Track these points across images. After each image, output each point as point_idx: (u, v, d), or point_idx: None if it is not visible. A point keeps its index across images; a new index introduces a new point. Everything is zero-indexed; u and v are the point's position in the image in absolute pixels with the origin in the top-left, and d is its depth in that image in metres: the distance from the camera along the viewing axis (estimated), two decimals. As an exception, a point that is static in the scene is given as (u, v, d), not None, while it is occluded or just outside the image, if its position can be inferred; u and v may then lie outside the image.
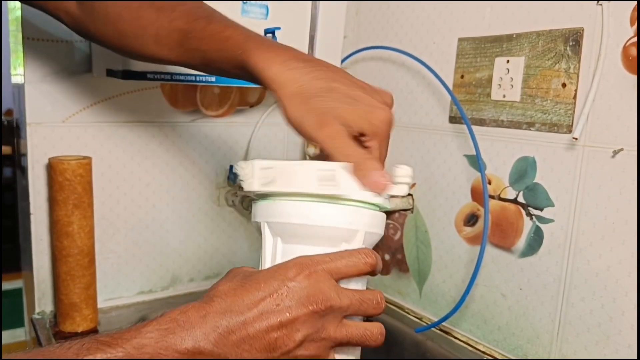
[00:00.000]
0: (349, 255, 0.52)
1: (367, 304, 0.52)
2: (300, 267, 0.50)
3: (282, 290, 0.49)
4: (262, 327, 0.48)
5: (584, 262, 0.85)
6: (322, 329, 0.50)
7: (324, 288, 0.50)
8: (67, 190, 0.95)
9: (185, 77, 0.93)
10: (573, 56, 0.84)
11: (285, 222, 0.54)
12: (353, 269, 0.52)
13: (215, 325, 0.47)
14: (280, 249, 0.55)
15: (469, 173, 1.02)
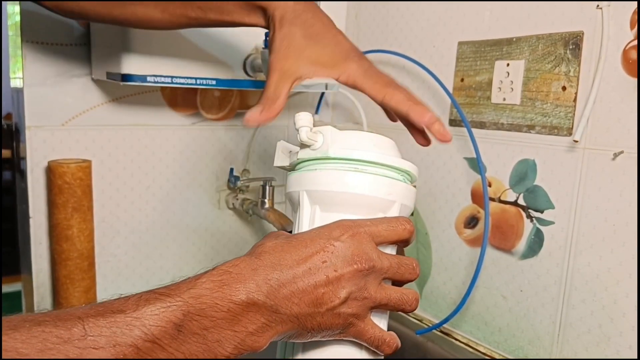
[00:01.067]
0: (389, 221, 0.54)
1: (404, 268, 0.55)
2: (344, 228, 0.52)
3: (328, 248, 0.50)
4: (310, 282, 0.49)
5: (584, 263, 0.85)
6: (364, 288, 0.51)
7: (367, 249, 0.51)
8: (67, 193, 0.95)
9: (186, 80, 0.93)
10: (573, 59, 0.84)
11: (326, 190, 0.56)
12: (393, 234, 0.54)
13: (266, 278, 0.48)
14: (318, 216, 0.56)
15: (469, 175, 1.02)
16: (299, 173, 0.58)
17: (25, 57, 0.98)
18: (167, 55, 0.90)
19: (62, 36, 1.00)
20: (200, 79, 0.94)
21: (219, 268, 0.49)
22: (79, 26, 1.01)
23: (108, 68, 0.95)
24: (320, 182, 0.56)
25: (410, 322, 1.13)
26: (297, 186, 0.58)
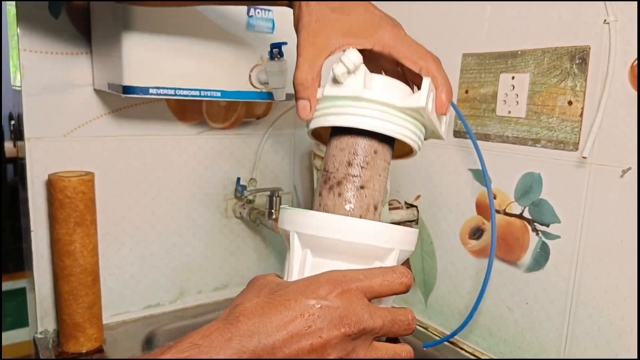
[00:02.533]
0: (384, 274, 0.50)
1: (398, 325, 0.50)
2: (333, 284, 0.47)
3: (313, 310, 0.45)
4: (292, 351, 0.44)
5: (591, 278, 0.85)
6: (352, 352, 0.47)
7: (357, 309, 0.47)
8: (68, 208, 0.94)
9: (190, 92, 0.92)
10: (579, 74, 0.84)
11: (317, 235, 0.51)
12: (387, 288, 0.49)
13: (241, 349, 0.44)
14: (309, 262, 0.53)
15: (473, 187, 1.02)
16: (291, 210, 0.54)
17: (24, 67, 0.97)
18: (170, 65, 0.89)
19: (62, 45, 0.99)
20: (204, 90, 0.93)
21: (188, 340, 0.44)
22: (80, 34, 1.00)
23: (109, 79, 0.94)
24: (313, 225, 0.52)
25: (416, 332, 1.12)
26: (289, 225, 0.54)
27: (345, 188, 0.55)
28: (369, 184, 0.55)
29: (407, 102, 0.53)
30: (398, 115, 0.54)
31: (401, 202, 1.18)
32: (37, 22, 0.96)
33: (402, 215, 1.14)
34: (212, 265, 1.23)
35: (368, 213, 0.55)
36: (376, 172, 0.56)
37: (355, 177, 0.55)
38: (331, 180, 0.56)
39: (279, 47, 0.91)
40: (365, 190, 0.55)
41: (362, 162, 0.55)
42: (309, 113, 0.57)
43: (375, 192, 0.56)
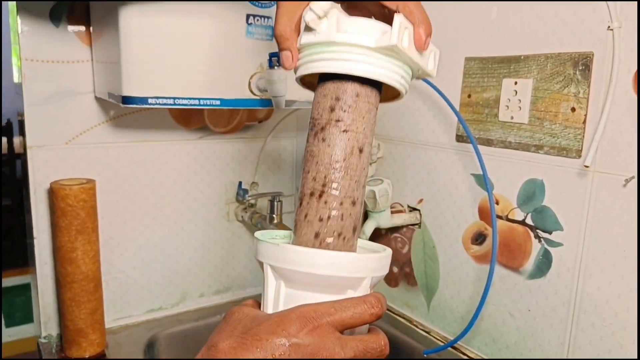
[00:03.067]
0: (355, 306, 0.50)
1: (370, 353, 0.50)
2: (303, 321, 0.48)
3: (284, 349, 0.46)
4: None
5: (594, 287, 0.84)
6: None
7: (328, 344, 0.47)
8: (70, 216, 0.94)
9: (189, 101, 0.92)
10: (583, 81, 0.82)
11: (290, 268, 0.51)
12: (358, 320, 0.50)
13: None
14: (283, 292, 0.53)
15: (475, 192, 1.01)
16: (264, 244, 0.53)
17: (26, 76, 0.97)
18: (169, 75, 0.88)
19: (63, 53, 0.99)
20: (204, 99, 0.93)
21: None
22: (80, 43, 1.00)
23: (109, 88, 0.94)
24: (285, 259, 0.51)
25: (417, 334, 1.12)
26: (262, 257, 0.54)
27: (329, 132, 0.55)
28: (352, 127, 0.55)
29: (379, 41, 0.52)
30: (373, 56, 0.53)
31: (404, 205, 1.17)
32: (38, 30, 0.96)
33: (404, 218, 1.13)
34: (214, 268, 1.23)
35: (352, 156, 0.55)
36: (359, 115, 0.55)
37: (338, 121, 0.55)
38: (316, 126, 0.56)
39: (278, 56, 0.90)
40: (349, 134, 0.55)
41: (344, 106, 0.55)
42: (292, 63, 0.57)
43: (360, 135, 0.55)
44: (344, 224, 0.54)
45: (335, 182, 0.54)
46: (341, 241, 0.55)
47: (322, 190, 0.54)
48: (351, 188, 0.55)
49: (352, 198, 0.55)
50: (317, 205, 0.54)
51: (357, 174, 0.55)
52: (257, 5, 0.91)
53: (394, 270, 1.22)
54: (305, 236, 0.54)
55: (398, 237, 1.19)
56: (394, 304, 1.23)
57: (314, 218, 0.54)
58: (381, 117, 1.20)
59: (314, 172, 0.55)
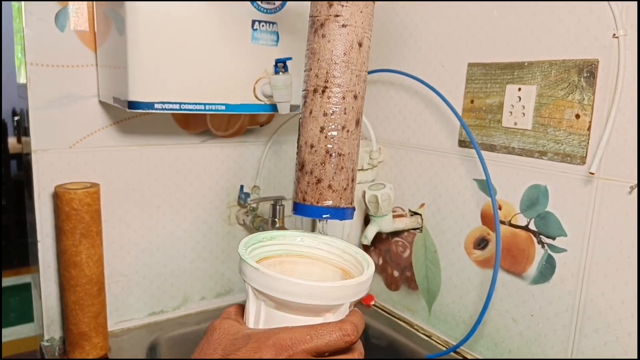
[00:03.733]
0: (330, 333, 0.51)
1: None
2: (279, 349, 0.49)
3: None
4: None
5: (598, 293, 0.84)
6: None
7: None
8: (74, 219, 0.94)
9: (195, 106, 0.92)
10: (588, 88, 0.83)
11: (270, 294, 0.51)
12: (333, 347, 0.51)
13: None
14: (264, 312, 0.53)
15: (478, 197, 1.01)
16: (247, 265, 0.53)
17: (31, 80, 0.97)
18: (175, 80, 0.88)
19: (68, 58, 0.99)
20: (209, 104, 0.93)
21: None
22: (85, 47, 1.00)
23: (115, 93, 0.94)
24: (265, 285, 0.51)
25: (418, 338, 1.13)
26: (244, 277, 0.54)
27: (328, 28, 0.56)
28: (351, 21, 0.56)
29: None
30: None
31: (405, 209, 1.17)
32: (43, 35, 0.96)
33: (406, 223, 1.14)
34: (215, 272, 1.23)
35: (352, 50, 0.56)
36: (357, 8, 0.56)
37: (337, 16, 0.55)
38: (315, 23, 0.57)
39: (283, 62, 0.91)
40: (348, 28, 0.56)
41: (342, 1, 0.55)
42: None
43: (359, 29, 0.56)
44: (347, 117, 0.57)
45: (337, 78, 0.56)
46: (345, 133, 0.57)
47: (325, 86, 0.56)
48: (352, 82, 0.56)
49: (353, 92, 0.57)
50: (320, 100, 0.56)
51: (358, 68, 0.57)
52: (262, 10, 0.91)
53: (395, 274, 1.22)
54: (311, 131, 0.57)
55: (399, 241, 1.20)
56: (395, 307, 1.24)
57: (318, 113, 0.56)
58: (382, 121, 1.20)
59: (316, 69, 0.57)
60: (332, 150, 0.57)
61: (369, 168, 1.20)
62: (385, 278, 1.25)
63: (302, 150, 0.58)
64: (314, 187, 0.58)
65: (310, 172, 0.58)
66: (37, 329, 1.18)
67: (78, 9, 0.98)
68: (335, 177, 0.57)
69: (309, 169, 0.58)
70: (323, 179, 0.57)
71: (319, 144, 0.57)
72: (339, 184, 0.58)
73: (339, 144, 0.57)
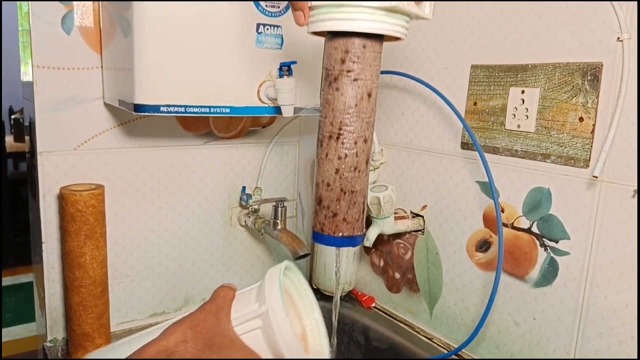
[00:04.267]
0: None
1: None
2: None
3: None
4: None
5: (600, 297, 0.85)
6: None
7: None
8: (79, 221, 0.95)
9: (200, 109, 0.92)
10: (591, 91, 0.83)
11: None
12: None
13: None
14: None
15: (481, 199, 1.02)
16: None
17: (37, 83, 0.97)
18: (181, 83, 0.88)
19: (74, 60, 0.99)
20: (214, 107, 0.93)
21: None
22: (91, 50, 1.00)
23: (120, 95, 0.94)
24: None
25: (419, 341, 1.13)
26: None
27: (341, 82, 0.62)
28: (362, 76, 0.61)
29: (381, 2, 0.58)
30: (376, 13, 0.59)
31: (407, 211, 1.18)
32: (50, 38, 0.96)
33: (407, 225, 1.14)
34: (217, 273, 1.24)
35: (362, 101, 0.62)
36: (367, 64, 0.61)
37: (349, 72, 0.61)
38: (329, 76, 0.63)
39: (288, 66, 0.91)
40: (358, 82, 0.62)
41: (354, 58, 0.61)
42: (305, 21, 0.63)
43: (368, 81, 0.62)
44: (358, 160, 0.64)
45: (349, 126, 0.62)
46: (357, 173, 0.64)
47: (339, 133, 0.63)
48: (362, 128, 0.63)
49: (364, 137, 0.64)
50: (335, 145, 0.63)
51: (367, 115, 0.63)
52: (267, 14, 0.91)
53: (396, 276, 1.23)
54: (327, 172, 0.64)
55: (401, 243, 1.20)
56: (396, 310, 1.24)
57: (333, 157, 0.63)
58: (385, 123, 1.20)
59: (330, 118, 0.63)
60: (346, 188, 0.64)
61: (371, 170, 1.20)
62: (387, 280, 1.26)
63: (320, 188, 0.66)
64: (331, 220, 0.65)
65: (327, 207, 0.65)
66: (40, 330, 1.18)
67: (84, 12, 0.99)
68: (349, 212, 0.65)
69: (326, 204, 0.65)
70: (338, 214, 0.65)
71: (334, 183, 0.64)
72: (352, 216, 0.65)
73: (352, 183, 0.64)
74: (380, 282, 1.27)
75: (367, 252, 1.31)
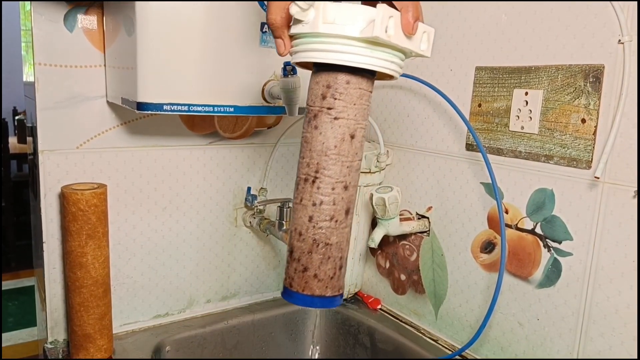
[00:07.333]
0: None
1: None
2: None
3: None
4: None
5: (603, 297, 0.85)
6: None
7: None
8: (81, 220, 0.94)
9: (203, 108, 0.92)
10: (593, 92, 0.84)
11: None
12: None
13: None
14: None
15: (485, 201, 1.02)
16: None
17: (39, 80, 0.97)
18: (184, 81, 0.89)
19: (77, 58, 0.99)
20: (217, 106, 0.93)
21: None
22: (94, 48, 1.00)
23: (123, 94, 0.94)
24: None
25: (425, 342, 1.13)
26: None
27: (321, 120, 0.56)
28: (344, 114, 0.56)
29: (363, 31, 0.53)
30: (360, 46, 0.54)
31: (412, 212, 1.18)
32: (52, 36, 0.96)
33: (413, 226, 1.14)
34: (221, 274, 1.24)
35: (343, 143, 0.56)
36: (351, 101, 0.56)
37: (330, 109, 0.56)
38: (310, 113, 0.57)
39: (292, 65, 0.91)
40: (340, 121, 0.56)
41: (335, 94, 0.55)
42: (285, 50, 0.59)
43: (351, 122, 0.56)
44: (336, 208, 0.57)
45: (326, 170, 0.56)
46: (333, 223, 0.57)
47: (315, 176, 0.57)
48: (342, 173, 0.57)
49: (344, 183, 0.57)
50: (310, 190, 0.57)
51: (349, 159, 0.57)
52: (271, 13, 0.92)
53: (402, 278, 1.23)
54: (301, 219, 0.57)
55: (406, 245, 1.20)
56: (401, 311, 1.24)
57: (308, 202, 0.57)
58: (390, 124, 1.21)
59: (307, 158, 0.57)
60: (320, 240, 0.57)
61: (377, 171, 1.21)
62: (392, 282, 1.26)
63: (292, 237, 0.59)
64: (300, 275, 0.58)
65: (298, 260, 0.58)
66: (41, 332, 1.18)
67: (87, 10, 0.99)
68: (321, 267, 0.58)
69: (296, 256, 0.58)
70: (309, 268, 0.58)
71: (307, 233, 0.57)
72: (325, 273, 0.58)
73: (327, 234, 0.57)
74: (386, 283, 1.27)
75: (372, 254, 1.31)
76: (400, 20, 0.54)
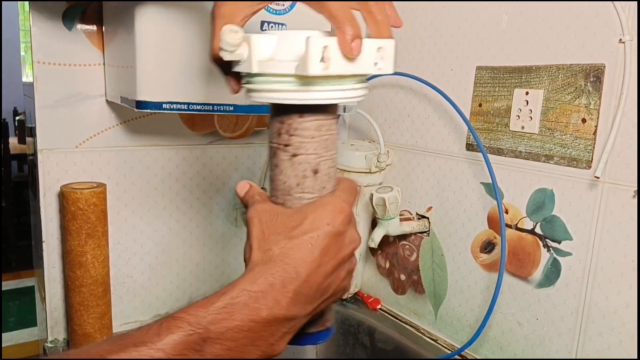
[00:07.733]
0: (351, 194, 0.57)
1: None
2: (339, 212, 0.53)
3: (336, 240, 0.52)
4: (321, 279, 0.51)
5: (602, 297, 0.85)
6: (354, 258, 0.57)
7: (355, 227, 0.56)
8: (80, 219, 0.95)
9: (203, 106, 0.92)
10: (594, 92, 0.83)
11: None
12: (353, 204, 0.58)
13: (284, 290, 0.49)
14: None
15: (485, 201, 1.02)
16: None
17: (37, 79, 0.97)
18: (183, 80, 0.88)
19: (75, 57, 0.99)
20: (217, 105, 0.93)
21: (237, 287, 0.48)
22: (93, 47, 1.00)
23: (122, 92, 0.94)
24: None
25: (424, 342, 1.13)
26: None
27: (279, 159, 0.54)
28: (302, 150, 0.53)
29: (297, 68, 0.48)
30: (299, 82, 0.49)
31: (412, 213, 1.18)
32: (50, 33, 0.96)
33: (413, 226, 1.14)
34: (221, 274, 1.24)
35: (306, 180, 0.54)
36: (307, 135, 0.52)
37: (287, 146, 0.53)
38: (270, 151, 0.55)
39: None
40: (299, 157, 0.53)
41: (290, 130, 0.52)
42: (233, 90, 0.59)
43: (311, 157, 0.53)
44: None
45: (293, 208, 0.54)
46: None
47: None
48: None
49: None
50: None
51: (315, 194, 0.54)
52: (271, 12, 0.92)
53: (402, 278, 1.23)
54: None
55: (406, 245, 1.20)
56: (401, 311, 1.24)
57: None
58: (391, 124, 1.21)
59: (274, 198, 0.57)
60: None
61: (377, 171, 1.20)
62: (392, 282, 1.25)
63: None
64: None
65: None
66: (41, 331, 1.18)
67: (86, 9, 0.99)
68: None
69: None
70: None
71: None
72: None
73: None
74: (386, 283, 1.27)
75: (372, 254, 1.31)
76: (338, 43, 0.48)
